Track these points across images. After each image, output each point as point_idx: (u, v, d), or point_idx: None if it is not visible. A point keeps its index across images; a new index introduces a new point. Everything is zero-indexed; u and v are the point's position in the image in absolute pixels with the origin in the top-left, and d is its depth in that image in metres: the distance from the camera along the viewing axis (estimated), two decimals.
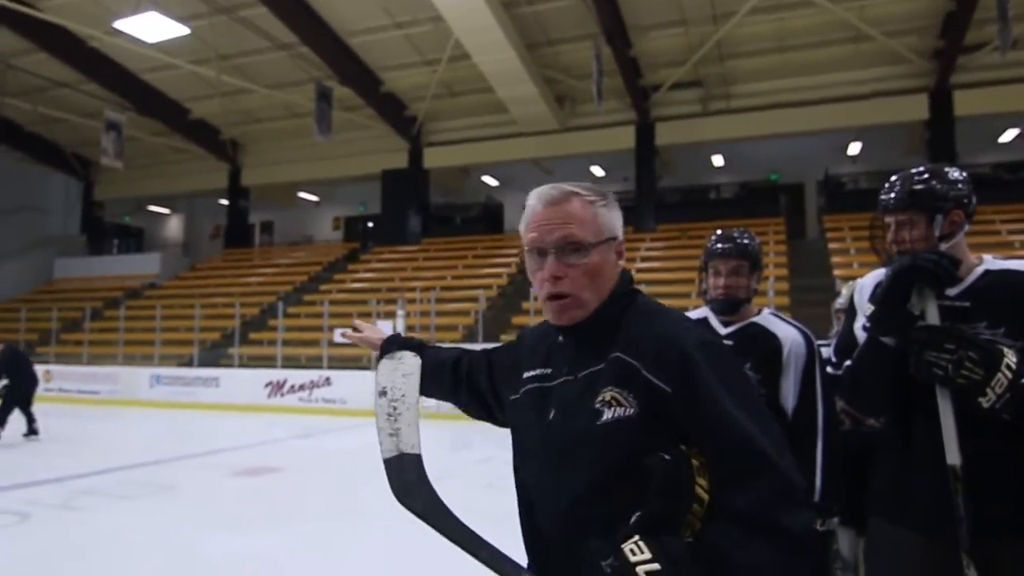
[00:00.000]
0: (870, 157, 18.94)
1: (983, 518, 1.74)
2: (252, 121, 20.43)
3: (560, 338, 1.26)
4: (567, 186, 1.24)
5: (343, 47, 16.16)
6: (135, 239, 27.40)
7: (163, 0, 13.90)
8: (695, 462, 1.07)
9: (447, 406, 1.72)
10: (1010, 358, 1.69)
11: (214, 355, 17.01)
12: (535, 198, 1.25)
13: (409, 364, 1.34)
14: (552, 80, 16.80)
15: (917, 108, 15.70)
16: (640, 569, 0.98)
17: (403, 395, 1.27)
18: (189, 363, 16.57)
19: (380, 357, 1.49)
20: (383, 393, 1.27)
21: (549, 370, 1.27)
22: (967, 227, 1.88)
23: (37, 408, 10.13)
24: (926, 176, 1.89)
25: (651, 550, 0.99)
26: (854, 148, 18.96)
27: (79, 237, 24.99)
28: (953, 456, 1.76)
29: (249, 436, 10.24)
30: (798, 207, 19.77)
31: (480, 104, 17.89)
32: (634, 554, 1.00)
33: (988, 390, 1.67)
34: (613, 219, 1.24)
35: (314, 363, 15.10)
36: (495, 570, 1.02)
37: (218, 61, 15.99)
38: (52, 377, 16.55)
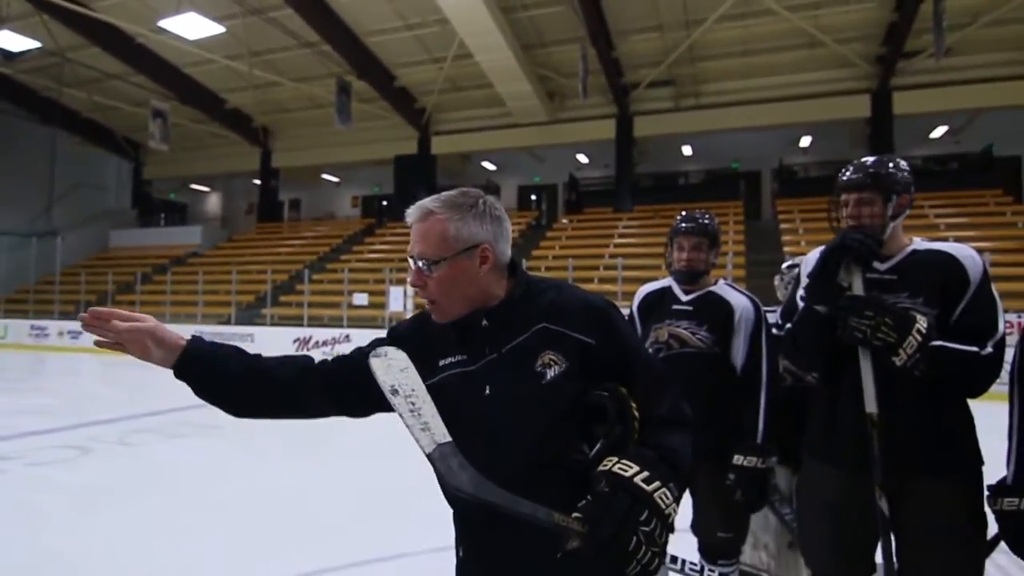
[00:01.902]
0: (819, 149, 18.89)
1: (894, 458, 1.79)
2: (281, 111, 20.18)
3: (484, 322, 1.23)
4: (428, 204, 1.25)
5: (361, 46, 15.92)
6: (180, 213, 27.17)
7: (201, 2, 13.69)
8: (623, 390, 1.19)
9: None
10: (921, 324, 1.72)
11: (249, 315, 17.02)
12: (408, 214, 1.27)
13: (400, 359, 1.20)
14: (544, 77, 16.60)
15: (861, 107, 15.59)
16: (637, 479, 1.07)
17: (413, 389, 1.15)
18: (227, 321, 16.59)
19: (178, 364, 1.23)
20: (395, 392, 1.15)
21: (465, 356, 1.23)
22: (907, 211, 1.91)
23: (97, 360, 10.13)
24: (886, 163, 1.91)
25: (635, 463, 1.09)
26: (805, 141, 18.88)
27: (130, 211, 24.78)
28: (871, 406, 1.81)
29: None
30: (755, 192, 19.71)
31: (481, 98, 17.68)
32: (624, 471, 1.08)
33: (901, 351, 1.71)
34: (472, 230, 1.21)
35: (335, 322, 15.14)
36: (536, 519, 1.04)
37: (250, 57, 15.72)
38: None
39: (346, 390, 1.31)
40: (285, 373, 1.30)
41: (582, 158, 21.33)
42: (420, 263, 1.22)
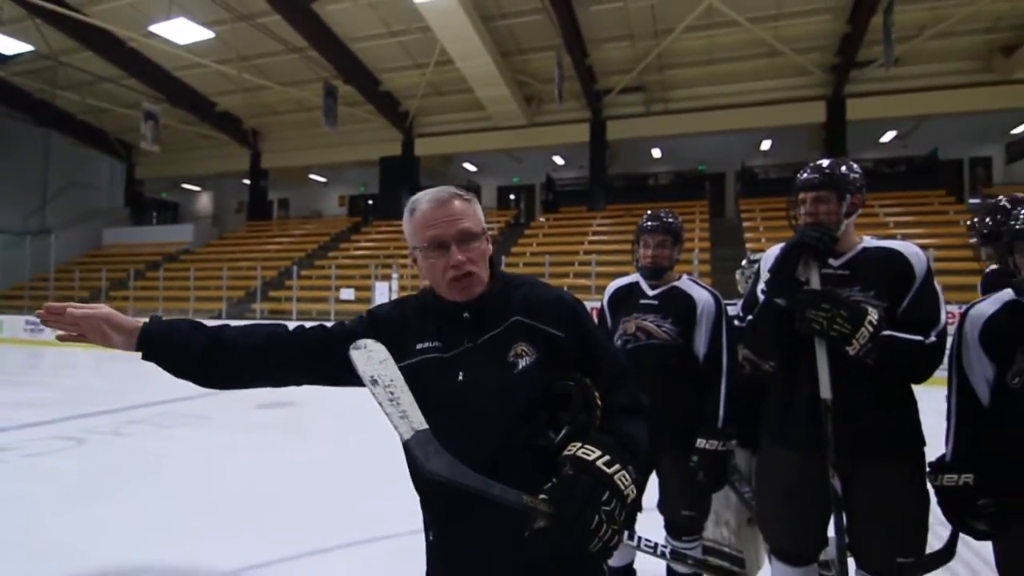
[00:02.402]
0: (778, 152, 19.08)
1: (846, 440, 1.83)
2: (270, 113, 19.87)
3: (465, 314, 1.24)
4: (452, 190, 1.27)
5: (347, 51, 15.73)
6: (171, 212, 26.67)
7: (191, 7, 13.41)
8: (587, 380, 1.22)
9: None
10: (872, 316, 1.75)
11: (240, 309, 16.78)
12: (424, 202, 1.25)
13: (379, 350, 1.18)
14: (522, 83, 16.55)
15: (817, 113, 15.78)
16: (599, 463, 1.09)
17: (391, 380, 1.15)
18: (219, 316, 16.31)
19: (140, 345, 1.20)
20: (375, 382, 1.14)
21: (441, 343, 1.24)
22: (860, 210, 1.94)
23: (93, 355, 9.94)
24: (840, 164, 1.94)
25: (597, 448, 1.12)
26: (766, 144, 19.06)
27: (123, 210, 24.26)
28: (825, 392, 1.84)
29: None
30: (719, 192, 19.87)
31: (462, 102, 17.57)
32: (587, 455, 1.10)
33: (854, 341, 1.74)
34: (482, 214, 1.29)
35: (323, 316, 14.96)
36: (506, 500, 1.06)
37: (239, 61, 15.45)
38: None
39: (323, 362, 1.27)
40: (250, 341, 1.26)
41: (558, 160, 21.33)
42: (459, 241, 1.22)
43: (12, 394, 8.68)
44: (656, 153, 20.39)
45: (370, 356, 1.18)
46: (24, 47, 14.51)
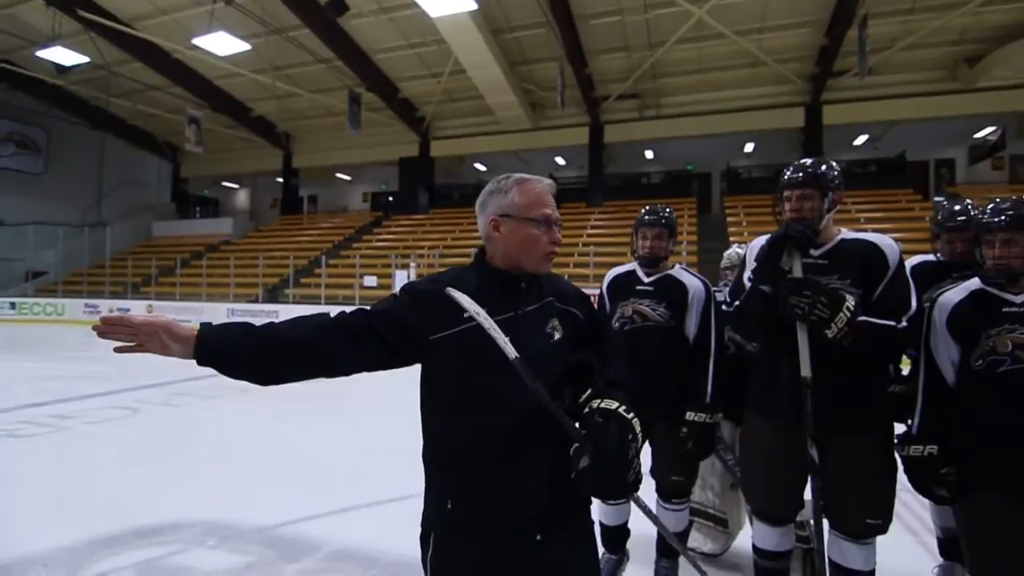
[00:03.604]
0: (760, 154, 18.88)
1: (823, 414, 1.82)
2: (300, 118, 19.78)
3: (523, 284, 1.29)
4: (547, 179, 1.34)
5: (369, 62, 15.62)
6: (213, 207, 26.66)
7: (230, 22, 13.31)
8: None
9: None
10: (850, 302, 1.73)
11: (274, 294, 16.84)
12: (537, 183, 1.32)
13: (465, 296, 1.19)
14: (527, 90, 16.42)
15: (796, 118, 15.58)
16: (620, 410, 1.20)
17: (487, 316, 1.17)
18: (255, 300, 16.39)
19: (197, 353, 1.14)
20: (478, 313, 1.16)
21: (488, 311, 1.19)
22: (838, 206, 1.92)
23: None
24: (822, 165, 1.92)
25: (615, 400, 1.22)
26: (749, 147, 18.86)
27: (170, 205, 24.30)
28: (806, 370, 1.83)
29: None
30: (706, 190, 19.68)
31: (473, 108, 17.45)
32: (610, 406, 1.20)
33: (833, 325, 1.73)
34: None
35: (348, 301, 14.98)
36: (569, 428, 1.17)
37: (273, 71, 15.38)
38: (154, 309, 16.36)
39: (366, 343, 1.19)
40: (299, 335, 1.17)
41: (560, 160, 21.21)
42: (557, 224, 1.33)
43: (73, 369, 8.77)
44: (649, 154, 20.22)
45: (463, 295, 1.20)
46: (81, 59, 14.48)
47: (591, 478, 1.13)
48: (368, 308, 1.24)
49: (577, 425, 1.20)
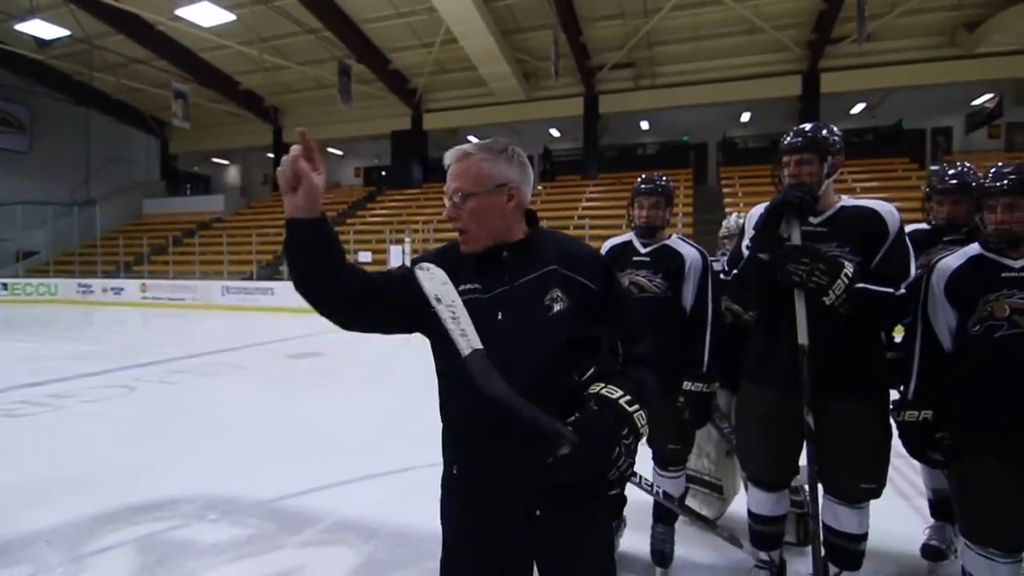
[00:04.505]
0: (757, 123, 18.70)
1: (820, 381, 1.83)
2: (289, 91, 19.42)
3: (505, 253, 1.21)
4: (467, 148, 1.23)
5: (358, 32, 15.27)
6: (203, 184, 26.32)
7: None
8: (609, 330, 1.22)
9: None
10: (848, 269, 1.72)
11: (268, 271, 16.77)
12: (446, 157, 1.24)
13: (440, 274, 1.16)
14: (520, 60, 16.12)
15: (793, 86, 15.39)
16: (621, 401, 1.11)
17: (452, 301, 1.12)
18: (250, 277, 16.33)
19: (314, 219, 1.25)
20: (438, 300, 1.11)
21: (481, 285, 1.19)
22: (838, 171, 1.90)
23: (138, 312, 9.98)
24: (822, 128, 1.89)
25: (619, 388, 1.13)
26: (745, 116, 18.67)
27: (160, 182, 23.98)
28: (803, 338, 1.83)
29: (298, 330, 10.25)
30: (702, 161, 19.57)
31: (466, 79, 17.15)
32: (611, 394, 1.12)
33: (830, 292, 1.72)
34: (502, 171, 1.21)
35: None
36: (543, 424, 1.05)
37: (260, 42, 15.03)
38: (147, 288, 16.28)
39: (381, 301, 1.23)
40: (356, 275, 1.23)
41: (555, 132, 20.94)
42: (455, 197, 1.20)
43: (69, 348, 8.75)
44: (644, 125, 20.01)
45: (433, 276, 1.17)
46: (61, 32, 14.13)
47: (567, 468, 1.06)
48: (377, 276, 1.27)
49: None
